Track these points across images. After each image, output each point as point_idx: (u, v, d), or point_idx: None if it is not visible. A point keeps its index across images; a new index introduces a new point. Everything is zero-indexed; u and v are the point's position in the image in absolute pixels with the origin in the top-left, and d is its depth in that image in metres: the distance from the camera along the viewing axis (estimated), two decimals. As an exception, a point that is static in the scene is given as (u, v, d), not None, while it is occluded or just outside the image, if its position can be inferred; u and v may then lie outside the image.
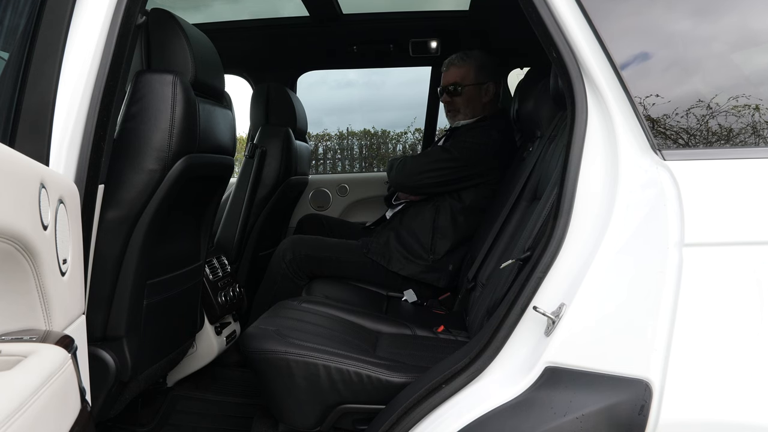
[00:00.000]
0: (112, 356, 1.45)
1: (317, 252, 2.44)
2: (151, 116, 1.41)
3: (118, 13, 1.16)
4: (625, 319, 1.03)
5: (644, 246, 1.04)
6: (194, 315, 1.90)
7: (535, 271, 1.11)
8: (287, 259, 2.42)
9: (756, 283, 1.01)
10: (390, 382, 1.38)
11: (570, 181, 1.10)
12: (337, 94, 4.42)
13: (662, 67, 1.13)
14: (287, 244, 2.48)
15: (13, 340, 0.78)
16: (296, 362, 1.41)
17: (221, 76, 1.74)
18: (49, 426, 0.73)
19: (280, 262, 2.44)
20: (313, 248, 2.46)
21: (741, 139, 1.10)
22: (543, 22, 1.12)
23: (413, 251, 2.39)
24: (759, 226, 1.03)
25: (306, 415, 1.43)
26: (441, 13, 2.94)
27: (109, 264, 1.40)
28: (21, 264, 0.78)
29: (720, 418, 1.00)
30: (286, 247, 2.46)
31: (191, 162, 1.48)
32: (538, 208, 1.58)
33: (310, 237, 2.58)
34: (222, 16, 2.97)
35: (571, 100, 1.13)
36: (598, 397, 1.01)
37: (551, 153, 1.75)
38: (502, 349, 1.12)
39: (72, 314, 0.96)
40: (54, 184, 0.89)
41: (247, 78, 3.23)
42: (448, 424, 1.10)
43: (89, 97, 1.13)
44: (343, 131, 5.27)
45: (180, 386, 2.09)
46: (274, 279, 2.46)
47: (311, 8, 2.73)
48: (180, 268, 1.72)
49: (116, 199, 1.39)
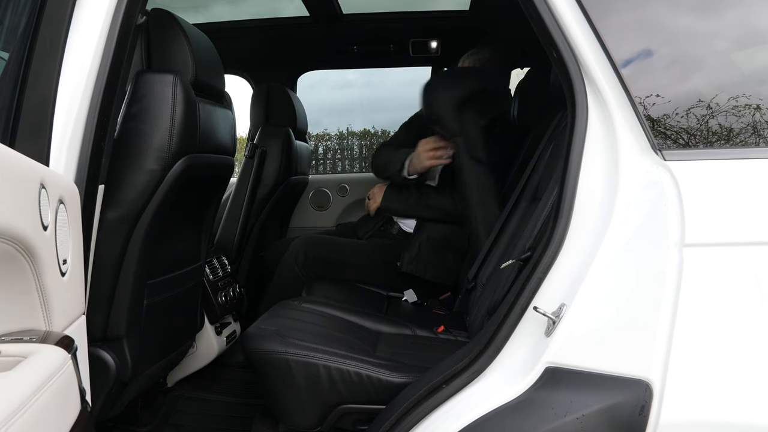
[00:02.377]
0: (112, 356, 1.45)
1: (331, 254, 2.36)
2: (151, 116, 1.41)
3: (118, 13, 1.16)
4: (625, 319, 1.03)
5: (645, 246, 1.04)
6: (194, 315, 1.90)
7: (536, 272, 1.11)
8: (300, 261, 2.32)
9: (756, 283, 1.01)
10: (390, 383, 1.38)
11: (570, 181, 1.10)
12: (337, 95, 4.41)
13: (662, 67, 1.13)
14: (299, 245, 2.36)
15: (13, 341, 0.78)
16: (296, 362, 1.41)
17: (221, 76, 1.74)
18: (50, 426, 0.73)
19: (292, 264, 2.33)
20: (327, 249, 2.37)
21: (741, 139, 1.10)
22: (543, 21, 1.12)
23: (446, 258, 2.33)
24: (759, 226, 1.03)
25: (306, 415, 1.43)
26: (441, 13, 2.94)
27: (109, 264, 1.40)
28: (21, 264, 0.78)
29: (720, 418, 1.00)
30: (297, 248, 2.35)
31: (191, 162, 1.48)
32: (538, 209, 1.57)
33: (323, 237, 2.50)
34: (222, 18, 2.97)
35: (572, 100, 1.13)
36: (598, 397, 1.01)
37: (551, 153, 1.75)
38: (502, 350, 1.12)
39: (72, 314, 0.96)
40: (54, 184, 0.89)
41: (247, 78, 3.23)
42: (448, 425, 1.10)
43: (89, 97, 1.13)
44: (343, 131, 5.27)
45: (180, 386, 2.09)
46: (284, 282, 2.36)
47: (311, 8, 2.74)
48: (180, 268, 1.72)
49: (116, 200, 1.39)
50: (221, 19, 2.96)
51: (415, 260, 2.33)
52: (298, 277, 2.33)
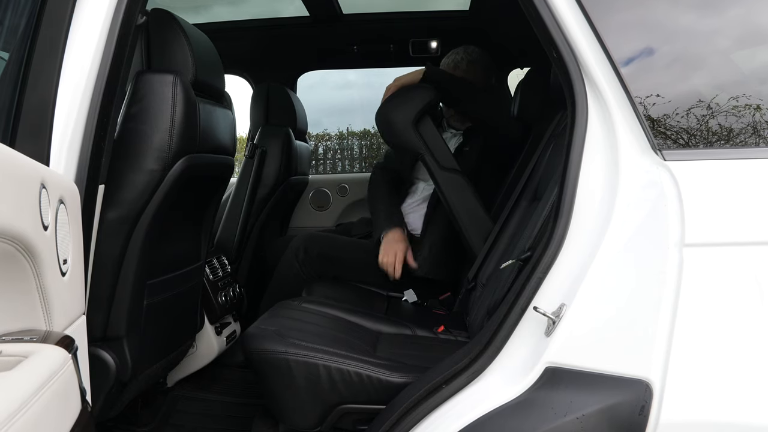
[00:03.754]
0: (112, 356, 1.45)
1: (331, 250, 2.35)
2: (151, 116, 1.41)
3: (118, 13, 1.16)
4: (625, 319, 1.03)
5: (645, 246, 1.04)
6: (194, 315, 1.90)
7: (536, 272, 1.11)
8: (300, 257, 2.32)
9: (756, 283, 1.01)
10: (390, 382, 1.38)
11: (570, 181, 1.10)
12: (337, 95, 4.41)
13: (663, 67, 1.13)
14: (299, 242, 2.36)
15: (14, 341, 0.78)
16: (296, 362, 1.41)
17: (221, 76, 1.74)
18: (50, 426, 0.73)
19: (293, 261, 2.33)
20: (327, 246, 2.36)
21: (741, 139, 1.10)
22: (543, 21, 1.12)
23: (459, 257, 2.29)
24: (759, 226, 1.03)
25: (306, 415, 1.43)
26: (441, 13, 2.94)
27: (109, 264, 1.40)
28: (21, 264, 0.78)
29: (720, 418, 1.00)
30: (298, 245, 2.35)
31: (191, 162, 1.48)
32: (538, 209, 1.58)
33: (323, 234, 2.50)
34: (222, 18, 2.97)
35: (572, 100, 1.13)
36: (598, 397, 1.01)
37: (551, 153, 1.75)
38: (502, 350, 1.12)
39: (72, 314, 0.96)
40: (54, 184, 0.89)
41: (247, 78, 3.23)
42: (448, 425, 1.10)
43: (89, 97, 1.13)
44: (343, 131, 5.27)
45: (180, 386, 2.09)
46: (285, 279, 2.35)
47: (311, 8, 2.74)
48: (180, 268, 1.72)
49: (116, 200, 1.39)
50: (221, 19, 2.96)
51: (428, 262, 2.28)
52: (298, 274, 2.32)
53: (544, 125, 1.97)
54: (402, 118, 2.06)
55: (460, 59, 2.47)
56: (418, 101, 2.08)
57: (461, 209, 2.09)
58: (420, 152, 2.08)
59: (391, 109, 2.11)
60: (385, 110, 2.13)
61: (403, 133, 2.07)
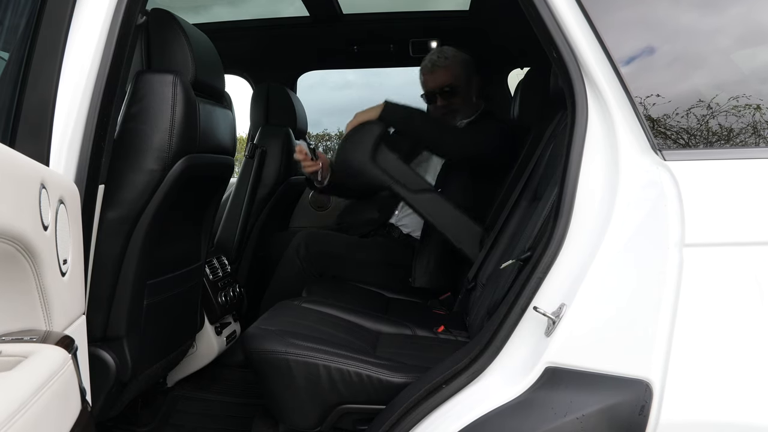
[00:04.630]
0: (112, 356, 1.45)
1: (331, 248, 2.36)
2: (151, 116, 1.41)
3: (118, 13, 1.16)
4: (625, 319, 1.03)
5: (645, 246, 1.04)
6: (194, 315, 1.90)
7: (536, 272, 1.11)
8: (301, 254, 2.33)
9: (756, 283, 1.01)
10: (390, 383, 1.38)
11: (570, 181, 1.10)
12: (337, 95, 4.41)
13: (662, 66, 1.13)
14: (300, 239, 2.38)
15: (14, 341, 0.78)
16: (296, 362, 1.41)
17: (221, 76, 1.74)
18: (50, 426, 0.73)
19: (294, 257, 2.34)
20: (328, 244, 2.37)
21: (741, 139, 1.10)
22: (543, 21, 1.12)
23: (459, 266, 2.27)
24: (759, 226, 1.03)
25: (306, 415, 1.43)
26: (441, 13, 2.94)
27: (109, 264, 1.40)
28: (21, 264, 0.78)
29: (720, 418, 1.00)
30: (299, 242, 2.36)
31: (191, 162, 1.48)
32: (538, 209, 1.57)
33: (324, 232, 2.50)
34: (222, 18, 2.97)
35: (572, 100, 1.13)
36: (598, 397, 1.01)
37: (551, 153, 1.75)
38: (502, 350, 1.12)
39: (72, 314, 0.96)
40: (54, 184, 0.89)
41: (247, 78, 3.23)
42: (448, 425, 1.10)
43: (89, 97, 1.13)
44: (343, 131, 5.29)
45: (180, 386, 2.09)
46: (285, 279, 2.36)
47: (311, 8, 2.74)
48: (180, 268, 1.72)
49: (116, 200, 1.39)
50: (221, 19, 2.96)
51: (427, 274, 2.27)
52: (299, 271, 2.34)
53: (544, 125, 1.97)
54: (359, 158, 2.06)
55: (436, 58, 2.46)
56: (367, 139, 2.07)
57: (446, 224, 2.08)
58: (386, 184, 2.07)
59: (348, 152, 2.11)
60: (342, 154, 2.13)
61: (363, 172, 2.06)
